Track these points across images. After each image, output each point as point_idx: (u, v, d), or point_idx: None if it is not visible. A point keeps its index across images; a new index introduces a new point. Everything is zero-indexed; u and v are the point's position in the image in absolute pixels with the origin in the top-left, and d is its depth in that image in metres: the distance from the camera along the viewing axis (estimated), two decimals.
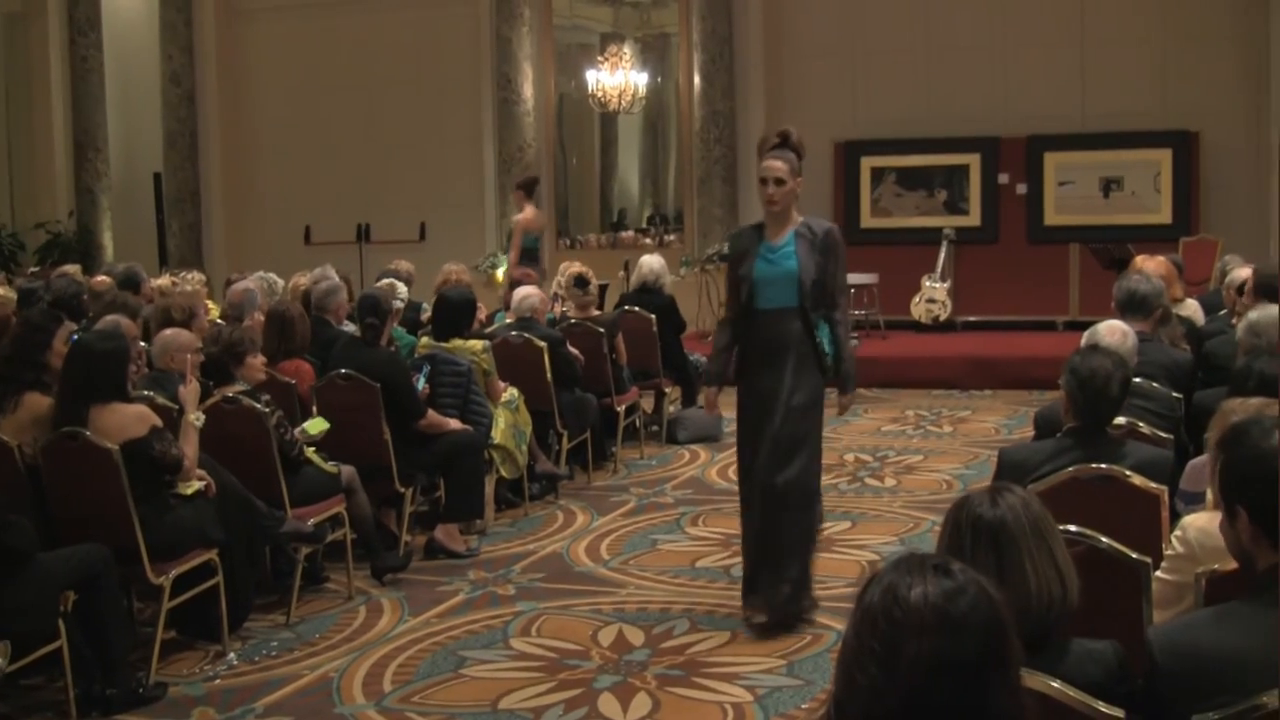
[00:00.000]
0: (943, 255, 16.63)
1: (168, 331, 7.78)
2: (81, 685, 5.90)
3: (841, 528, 8.68)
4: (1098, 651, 3.21)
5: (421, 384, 8.50)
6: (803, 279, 6.76)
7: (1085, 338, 6.23)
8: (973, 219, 17.19)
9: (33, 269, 16.58)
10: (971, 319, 16.88)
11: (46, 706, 6.00)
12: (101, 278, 11.92)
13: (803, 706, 5.81)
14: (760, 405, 6.88)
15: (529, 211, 13.87)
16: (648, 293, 11.85)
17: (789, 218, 6.89)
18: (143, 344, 8.21)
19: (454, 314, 9.07)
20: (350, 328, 9.23)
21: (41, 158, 19.96)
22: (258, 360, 7.57)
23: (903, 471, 10.35)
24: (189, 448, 6.50)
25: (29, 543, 5.69)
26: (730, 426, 12.14)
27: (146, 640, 6.40)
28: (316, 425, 7.65)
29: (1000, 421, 12.36)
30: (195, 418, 6.65)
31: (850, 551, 8.17)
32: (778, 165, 6.84)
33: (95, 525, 6.15)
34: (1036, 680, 2.92)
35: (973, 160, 17.20)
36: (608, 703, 5.90)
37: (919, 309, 16.62)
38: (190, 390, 6.76)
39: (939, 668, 2.11)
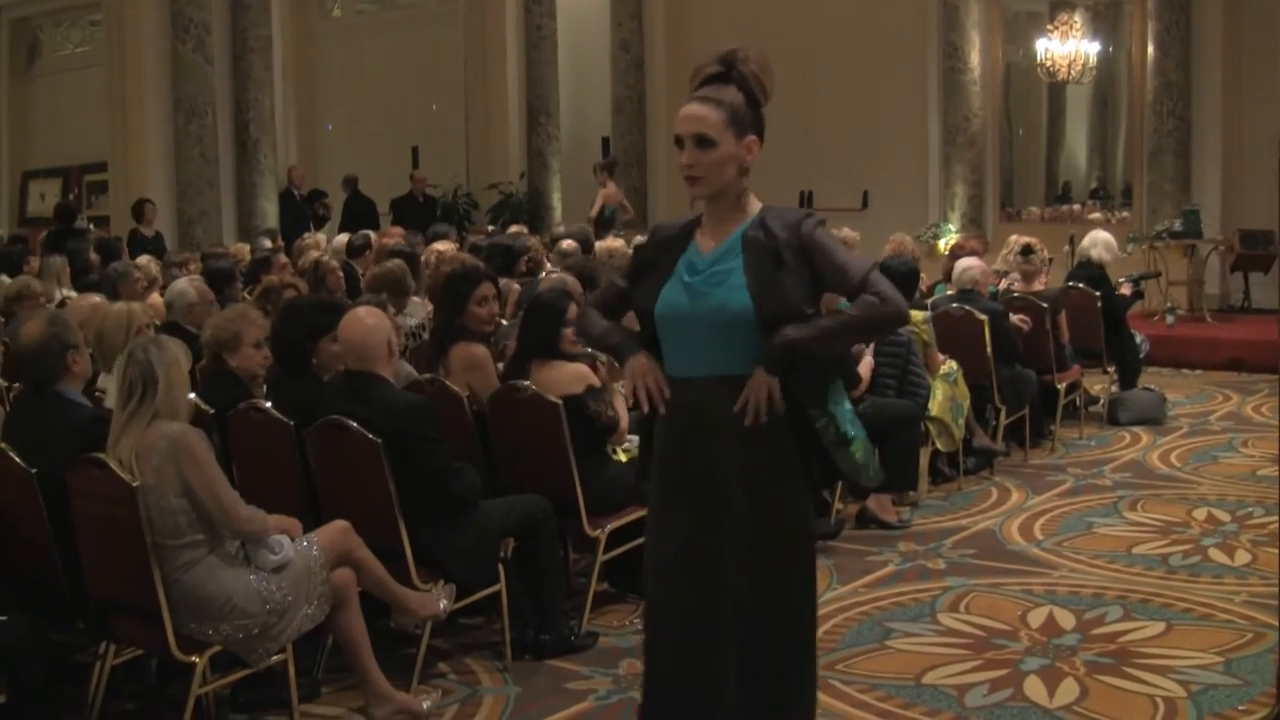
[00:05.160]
0: None
1: None
2: (517, 629, 6.12)
3: None
4: None
5: None
6: (762, 320, 3.82)
7: None
8: None
9: (490, 227, 17.32)
10: None
11: (484, 646, 6.25)
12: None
13: (1239, 708, 5.52)
14: (685, 548, 3.97)
15: (610, 188, 17.79)
16: (1088, 268, 11.55)
17: (738, 207, 3.93)
18: None
19: (899, 285, 8.99)
20: None
21: (496, 122, 20.76)
22: None
23: None
24: (623, 411, 6.65)
25: (474, 490, 5.92)
26: (1174, 410, 11.70)
27: (580, 590, 6.60)
28: None
29: None
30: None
31: None
32: (700, 113, 3.83)
33: (536, 476, 6.36)
34: None
35: None
36: (1033, 686, 5.74)
37: None
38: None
39: None
